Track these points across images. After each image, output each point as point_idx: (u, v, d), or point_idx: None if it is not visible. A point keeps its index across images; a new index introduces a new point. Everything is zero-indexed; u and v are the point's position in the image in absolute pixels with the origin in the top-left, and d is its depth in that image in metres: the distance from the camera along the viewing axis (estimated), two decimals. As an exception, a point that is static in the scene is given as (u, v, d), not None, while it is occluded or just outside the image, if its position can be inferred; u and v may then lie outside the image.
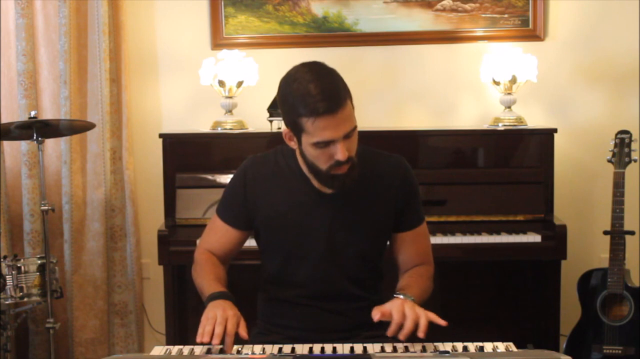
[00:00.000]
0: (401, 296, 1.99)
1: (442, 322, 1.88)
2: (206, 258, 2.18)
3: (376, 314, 1.91)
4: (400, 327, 1.88)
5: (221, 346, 1.86)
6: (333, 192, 2.09)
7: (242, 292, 2.19)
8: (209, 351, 1.87)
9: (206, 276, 2.10)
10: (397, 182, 2.14)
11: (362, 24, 3.78)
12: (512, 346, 1.88)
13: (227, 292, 2.02)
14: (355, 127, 1.99)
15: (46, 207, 3.27)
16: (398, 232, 2.18)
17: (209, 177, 3.39)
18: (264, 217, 2.15)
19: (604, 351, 3.24)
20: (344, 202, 2.11)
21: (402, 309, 1.89)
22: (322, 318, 2.15)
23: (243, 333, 1.89)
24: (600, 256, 3.69)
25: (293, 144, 2.05)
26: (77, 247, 3.75)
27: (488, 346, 1.88)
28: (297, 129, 1.98)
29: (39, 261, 3.27)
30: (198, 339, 1.84)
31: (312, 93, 1.91)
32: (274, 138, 3.42)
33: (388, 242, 2.22)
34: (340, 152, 1.95)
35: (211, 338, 1.84)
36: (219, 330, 1.84)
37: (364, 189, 2.11)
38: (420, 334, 1.85)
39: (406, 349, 1.89)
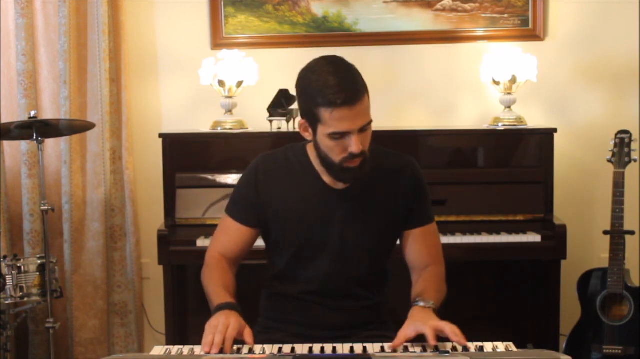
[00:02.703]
0: (421, 304, 2.01)
1: (465, 342, 1.86)
2: (216, 263, 2.18)
3: (398, 342, 1.89)
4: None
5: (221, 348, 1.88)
6: (344, 188, 2.12)
7: (244, 291, 2.20)
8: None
9: (215, 284, 2.11)
10: (406, 179, 2.17)
11: (362, 24, 3.78)
12: (512, 346, 1.88)
13: (234, 303, 2.03)
14: (371, 121, 2.02)
15: (46, 207, 3.27)
16: (408, 230, 2.19)
17: (209, 177, 3.39)
18: (275, 212, 2.17)
19: (604, 351, 3.24)
20: (355, 198, 2.14)
21: (432, 327, 1.88)
22: (324, 315, 2.17)
23: (248, 339, 1.92)
24: (600, 256, 3.69)
25: (308, 135, 2.08)
26: (77, 247, 3.75)
27: (488, 346, 1.88)
28: (313, 120, 2.00)
29: (39, 261, 3.27)
30: (202, 350, 1.88)
31: (331, 84, 1.95)
32: (274, 138, 3.42)
33: (398, 242, 2.23)
34: (355, 145, 1.98)
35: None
36: (218, 339, 1.87)
37: (374, 185, 2.15)
38: (463, 341, 1.85)
39: (406, 349, 1.89)
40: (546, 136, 3.41)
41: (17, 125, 3.22)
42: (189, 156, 3.47)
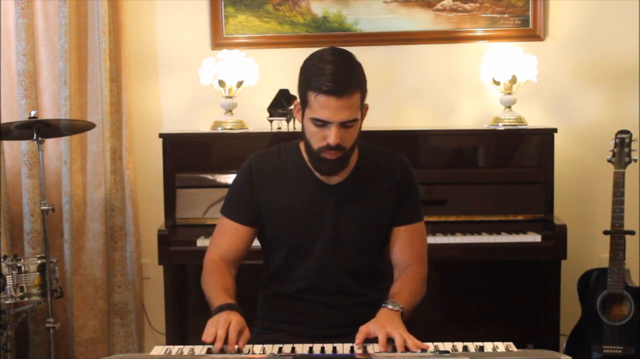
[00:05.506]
0: (389, 306, 2.03)
1: (424, 346, 1.88)
2: (215, 266, 2.18)
3: (359, 337, 1.92)
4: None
5: (222, 347, 1.87)
6: (336, 183, 2.16)
7: (242, 291, 2.20)
8: (209, 351, 1.88)
9: (214, 287, 2.11)
10: (397, 177, 2.20)
11: (362, 23, 3.78)
12: (512, 346, 1.89)
13: (234, 304, 2.03)
14: (356, 120, 2.06)
15: (46, 207, 3.27)
16: (395, 226, 2.21)
17: (209, 177, 3.39)
18: (269, 211, 2.19)
19: (604, 350, 3.24)
20: (347, 194, 2.17)
21: (385, 332, 1.90)
22: (321, 313, 2.18)
23: (242, 344, 1.91)
24: (600, 256, 3.69)
25: (299, 117, 2.13)
26: (77, 247, 3.75)
27: (488, 346, 1.88)
28: (304, 101, 2.07)
29: (39, 261, 3.27)
30: (203, 339, 1.88)
31: (325, 72, 2.00)
32: (274, 138, 3.42)
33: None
34: (332, 136, 2.02)
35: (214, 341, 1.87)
36: (221, 332, 1.87)
37: (366, 181, 2.18)
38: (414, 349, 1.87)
39: (406, 349, 1.89)
40: (546, 135, 3.42)
41: (17, 125, 3.22)
42: (189, 156, 3.47)
